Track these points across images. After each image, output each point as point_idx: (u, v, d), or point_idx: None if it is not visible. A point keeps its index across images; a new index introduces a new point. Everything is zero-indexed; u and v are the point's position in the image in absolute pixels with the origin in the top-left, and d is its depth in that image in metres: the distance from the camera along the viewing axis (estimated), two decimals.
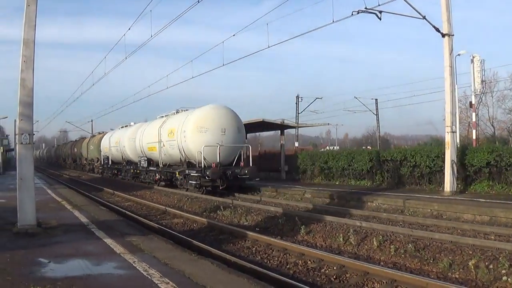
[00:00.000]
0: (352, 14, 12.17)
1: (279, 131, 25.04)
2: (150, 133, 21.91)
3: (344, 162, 18.87)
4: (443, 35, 13.49)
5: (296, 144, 36.78)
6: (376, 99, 42.01)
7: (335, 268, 6.87)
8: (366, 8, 12.35)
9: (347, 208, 12.41)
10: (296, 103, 42.21)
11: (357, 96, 40.97)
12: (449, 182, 13.32)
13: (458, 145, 14.85)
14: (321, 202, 14.41)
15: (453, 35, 13.60)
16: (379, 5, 12.17)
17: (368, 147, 50.33)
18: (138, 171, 24.33)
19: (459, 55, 22.57)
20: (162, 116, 21.75)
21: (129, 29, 16.26)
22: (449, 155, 13.38)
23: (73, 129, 62.27)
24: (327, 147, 66.80)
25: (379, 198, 13.09)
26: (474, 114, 23.98)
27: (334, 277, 6.56)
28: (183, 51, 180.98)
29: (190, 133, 17.58)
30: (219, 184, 16.89)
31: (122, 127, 29.91)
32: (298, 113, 41.90)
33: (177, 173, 19.04)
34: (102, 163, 31.94)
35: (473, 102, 22.85)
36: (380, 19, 12.44)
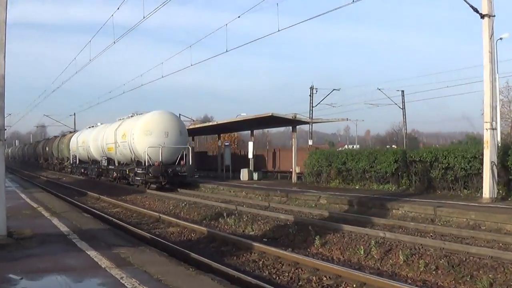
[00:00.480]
0: None
1: (290, 127, 24.93)
2: (109, 135, 27.20)
3: (365, 163, 18.78)
4: (482, 16, 13.25)
5: (310, 142, 36.67)
6: (403, 91, 41.69)
7: (354, 286, 6.82)
8: None
9: (369, 216, 12.39)
10: (310, 95, 41.99)
11: (381, 88, 40.73)
12: (488, 187, 13.12)
13: (499, 144, 14.70)
14: (338, 209, 14.42)
15: (494, 16, 13.36)
16: None
17: (393, 146, 50.04)
18: (101, 170, 29.99)
19: (500, 39, 22.30)
20: (121, 119, 27.41)
21: (118, 8, 16.27)
22: (488, 156, 13.18)
23: (53, 124, 62.18)
24: (346, 146, 66.58)
25: (406, 204, 13.03)
26: None
27: None
28: (180, 35, 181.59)
29: (137, 135, 23.30)
30: (162, 180, 22.50)
31: (89, 127, 35.25)
32: (313, 107, 41.65)
33: (127, 170, 24.88)
34: (71, 162, 37.36)
35: None
36: None
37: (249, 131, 29.62)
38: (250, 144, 28.13)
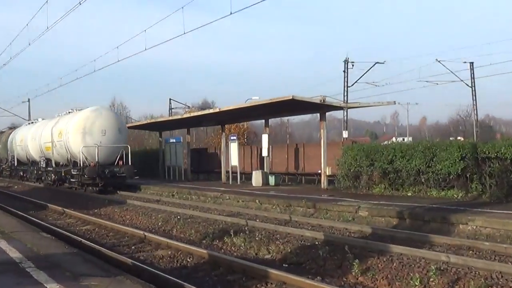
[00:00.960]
0: None
1: (318, 114, 24.81)
2: (47, 133, 31.11)
3: (419, 162, 18.76)
4: None
5: (345, 134, 36.57)
6: (471, 63, 40.98)
7: None
8: None
9: (426, 234, 12.30)
10: (344, 71, 41.78)
11: (441, 59, 40.04)
12: None
13: None
14: (384, 224, 14.42)
15: None
16: None
17: (459, 138, 49.58)
18: (40, 172, 33.99)
19: None
20: (59, 115, 31.70)
21: None
22: None
23: None
24: (394, 139, 66.33)
25: (478, 217, 12.91)
26: None
27: None
28: None
29: (72, 134, 27.81)
30: (98, 182, 27.03)
31: (28, 123, 39.95)
32: (347, 87, 41.49)
33: (63, 171, 29.40)
34: (9, 164, 41.57)
35: None
36: None
37: (263, 121, 29.48)
38: (265, 138, 28.02)
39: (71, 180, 28.48)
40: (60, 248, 10.32)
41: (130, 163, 28.16)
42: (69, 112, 30.89)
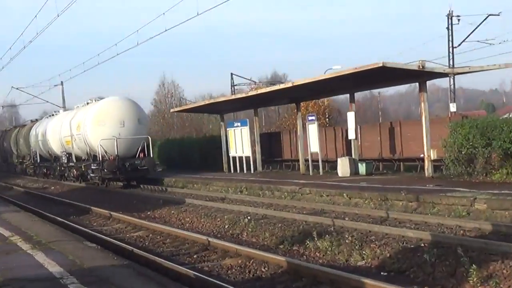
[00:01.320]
0: None
1: (416, 84, 24.29)
2: (66, 126, 35.55)
3: None
4: None
5: (453, 107, 35.71)
6: None
7: None
8: None
9: None
10: (447, 28, 40.68)
11: None
12: None
13: None
14: (508, 219, 14.07)
15: None
16: None
17: None
18: (63, 168, 38.40)
19: None
20: (77, 107, 36.81)
21: None
22: None
23: (27, 101, 63.61)
24: None
25: None
26: None
27: None
28: None
29: (89, 126, 31.77)
30: (119, 176, 31.08)
31: (48, 116, 44.73)
32: (453, 48, 40.39)
33: (83, 167, 33.73)
34: (32, 160, 45.98)
35: None
36: None
37: (347, 95, 29.16)
38: (350, 117, 27.67)
39: (91, 175, 32.56)
40: (108, 259, 10.55)
41: (151, 155, 32.57)
42: (87, 103, 35.15)
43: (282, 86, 29.60)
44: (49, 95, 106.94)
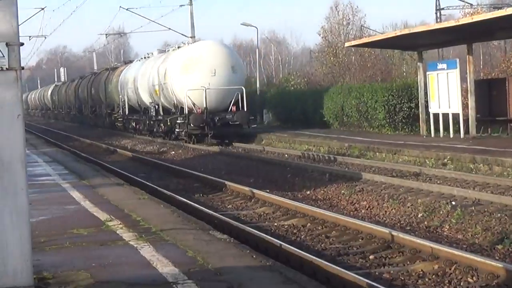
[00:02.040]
0: None
1: None
2: (155, 72, 35.62)
3: None
4: None
5: None
6: None
7: None
8: None
9: None
10: None
11: None
12: None
13: None
14: None
15: None
16: None
17: None
18: (152, 122, 38.02)
19: None
20: (167, 50, 37.63)
21: None
22: None
23: (141, 27, 50.72)
24: None
25: None
26: None
27: None
28: None
29: (176, 75, 31.81)
30: (207, 132, 31.79)
31: (140, 59, 42.88)
32: None
33: (168, 120, 33.91)
34: (121, 112, 44.41)
35: None
36: None
37: None
38: None
39: (177, 130, 33.22)
40: (244, 258, 9.10)
41: (246, 109, 32.39)
42: (178, 47, 35.45)
43: (509, 11, 24.08)
44: (172, 20, 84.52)
